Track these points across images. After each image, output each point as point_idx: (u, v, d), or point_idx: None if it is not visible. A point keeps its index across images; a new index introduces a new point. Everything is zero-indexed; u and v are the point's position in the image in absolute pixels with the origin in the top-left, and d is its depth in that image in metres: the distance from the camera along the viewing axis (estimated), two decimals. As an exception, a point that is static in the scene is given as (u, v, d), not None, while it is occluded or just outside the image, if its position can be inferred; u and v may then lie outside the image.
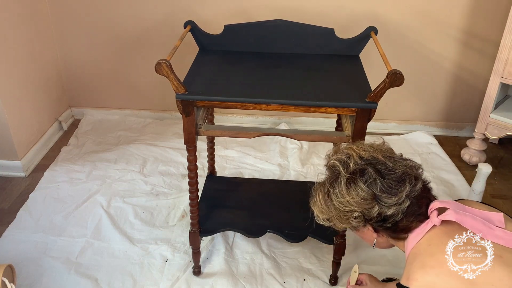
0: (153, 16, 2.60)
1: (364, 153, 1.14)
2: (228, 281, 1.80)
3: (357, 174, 1.12)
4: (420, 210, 1.13)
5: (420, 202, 1.12)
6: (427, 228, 1.12)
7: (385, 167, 1.12)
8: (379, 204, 1.11)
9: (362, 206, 1.12)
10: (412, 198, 1.11)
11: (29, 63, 2.46)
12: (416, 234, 1.13)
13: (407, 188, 1.09)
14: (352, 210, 1.14)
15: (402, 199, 1.09)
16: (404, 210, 1.10)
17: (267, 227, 1.75)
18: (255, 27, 1.69)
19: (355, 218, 1.15)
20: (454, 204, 1.14)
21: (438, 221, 1.10)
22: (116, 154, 2.54)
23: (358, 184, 1.11)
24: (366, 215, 1.13)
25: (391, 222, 1.13)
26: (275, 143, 2.67)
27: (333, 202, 1.16)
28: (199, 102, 1.41)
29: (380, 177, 1.11)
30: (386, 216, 1.11)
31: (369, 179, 1.11)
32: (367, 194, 1.10)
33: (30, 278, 1.79)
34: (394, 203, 1.09)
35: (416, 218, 1.12)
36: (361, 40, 1.69)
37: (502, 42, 2.21)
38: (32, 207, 2.16)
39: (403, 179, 1.10)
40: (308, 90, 1.47)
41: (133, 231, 2.03)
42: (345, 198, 1.12)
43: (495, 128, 2.37)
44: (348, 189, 1.12)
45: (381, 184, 1.10)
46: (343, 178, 1.13)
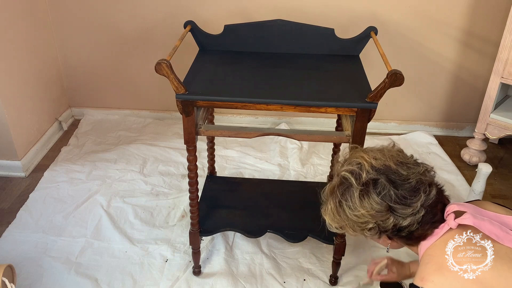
0: (153, 16, 2.60)
1: (375, 162, 1.11)
2: (228, 281, 1.80)
3: (370, 185, 1.09)
4: (435, 217, 1.11)
5: (435, 210, 1.11)
6: (444, 230, 1.10)
7: (399, 176, 1.09)
8: (394, 215, 1.09)
9: (376, 218, 1.10)
10: (427, 206, 1.09)
11: (29, 63, 2.46)
12: (431, 236, 1.12)
13: (422, 198, 1.07)
14: (367, 222, 1.12)
15: (417, 209, 1.07)
16: (419, 220, 1.08)
17: (267, 227, 1.75)
18: (255, 27, 1.68)
19: (370, 230, 1.13)
20: (471, 208, 1.12)
21: (455, 225, 1.08)
22: (116, 154, 2.54)
23: (372, 196, 1.08)
24: (381, 227, 1.12)
25: (406, 232, 1.11)
26: (275, 143, 2.67)
27: (346, 213, 1.13)
28: (199, 102, 1.41)
29: (394, 188, 1.08)
30: (401, 227, 1.10)
31: (382, 191, 1.08)
32: (381, 206, 1.08)
33: (30, 278, 1.79)
34: (410, 213, 1.07)
35: (432, 226, 1.11)
36: (361, 40, 1.69)
37: (502, 42, 2.21)
38: (32, 207, 2.16)
39: (417, 188, 1.08)
40: (308, 90, 1.47)
41: (133, 231, 2.03)
42: (360, 211, 1.10)
43: (495, 128, 2.37)
44: (362, 201, 1.10)
45: (395, 195, 1.07)
46: (355, 190, 1.10)
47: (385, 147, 1.19)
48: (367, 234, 1.14)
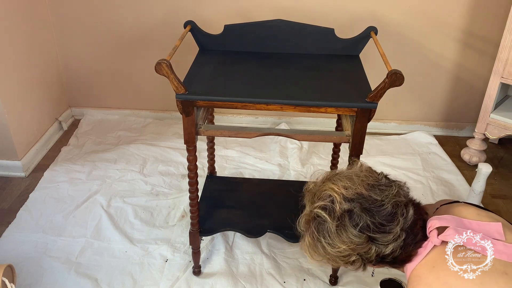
0: (153, 16, 2.60)
1: (346, 191, 1.06)
2: (228, 281, 1.80)
3: (345, 218, 1.05)
4: (417, 237, 1.09)
5: (415, 230, 1.08)
6: (428, 249, 1.08)
7: (373, 203, 1.05)
8: (375, 244, 1.06)
9: (358, 250, 1.07)
10: (407, 229, 1.06)
11: (29, 63, 2.46)
12: (416, 256, 1.10)
13: (400, 222, 1.05)
14: (349, 255, 1.09)
15: (397, 234, 1.05)
16: (401, 244, 1.06)
17: (267, 227, 1.75)
18: (255, 27, 1.68)
19: (353, 262, 1.10)
20: (452, 221, 1.10)
21: (438, 242, 1.07)
22: (116, 154, 2.54)
23: (349, 229, 1.05)
24: (364, 258, 1.09)
25: (390, 258, 1.09)
26: (275, 143, 2.67)
27: (326, 250, 1.10)
28: (199, 102, 1.41)
29: (370, 217, 1.04)
30: (385, 255, 1.08)
31: (359, 222, 1.04)
32: (361, 238, 1.05)
33: (30, 278, 1.79)
34: (391, 240, 1.05)
35: (415, 246, 1.08)
36: (361, 40, 1.69)
37: (502, 42, 2.21)
38: (32, 207, 2.16)
39: (394, 212, 1.05)
40: (308, 90, 1.47)
41: (133, 231, 2.03)
42: (340, 247, 1.07)
43: (495, 128, 2.37)
44: (340, 236, 1.06)
45: (373, 225, 1.04)
46: (331, 225, 1.07)
47: (353, 171, 1.14)
48: (350, 267, 1.11)
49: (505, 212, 2.20)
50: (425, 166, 2.49)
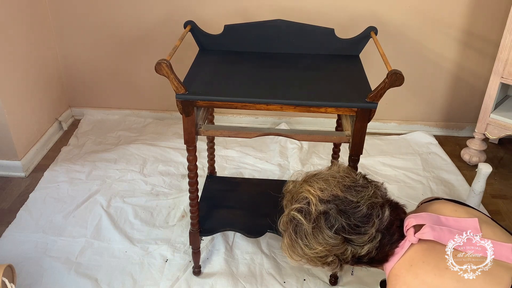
0: (153, 16, 2.60)
1: (322, 193, 1.08)
2: (228, 281, 1.80)
3: (321, 220, 1.07)
4: (393, 237, 1.10)
5: (391, 230, 1.09)
6: (405, 247, 1.09)
7: (348, 205, 1.07)
8: (351, 245, 1.07)
9: (334, 251, 1.09)
10: (382, 229, 1.07)
11: (29, 63, 2.46)
12: (394, 255, 1.11)
13: (375, 223, 1.06)
14: (326, 256, 1.10)
15: (373, 235, 1.06)
16: (377, 245, 1.07)
17: (267, 227, 1.75)
18: (255, 27, 1.69)
19: (330, 263, 1.12)
20: (428, 218, 1.10)
21: (415, 240, 1.08)
22: (116, 154, 2.54)
23: (324, 231, 1.07)
24: (340, 258, 1.11)
25: (367, 259, 1.10)
26: (275, 143, 2.67)
27: (304, 251, 1.12)
28: (199, 102, 1.41)
29: (346, 218, 1.06)
30: (360, 256, 1.09)
31: (335, 223, 1.06)
32: (336, 240, 1.07)
33: (30, 278, 1.79)
34: (367, 241, 1.06)
35: (391, 247, 1.10)
36: (361, 40, 1.69)
37: (502, 42, 2.21)
38: (32, 207, 2.16)
39: (369, 214, 1.06)
40: (308, 90, 1.47)
41: (133, 231, 2.03)
42: (317, 248, 1.09)
43: (495, 128, 2.37)
44: (316, 238, 1.08)
45: (348, 226, 1.05)
46: (307, 227, 1.09)
47: (330, 172, 1.15)
48: (327, 268, 1.12)
49: (505, 212, 2.20)
50: (425, 166, 2.49)
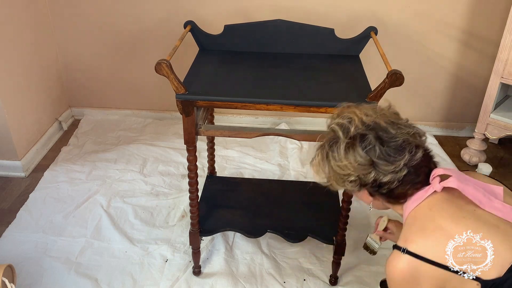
0: (153, 16, 2.60)
1: (366, 118, 1.12)
2: (228, 281, 1.80)
3: (357, 139, 1.11)
4: (418, 178, 1.11)
5: (419, 171, 1.11)
6: (428, 193, 1.11)
7: (387, 134, 1.10)
8: (375, 170, 1.10)
9: (358, 171, 1.11)
10: (410, 167, 1.09)
11: (29, 63, 2.46)
12: (416, 199, 1.13)
13: (406, 157, 1.08)
14: (349, 174, 1.13)
15: (399, 167, 1.08)
16: (400, 179, 1.10)
17: (267, 227, 1.75)
18: (255, 27, 1.69)
19: (351, 182, 1.14)
20: (457, 173, 1.13)
21: (439, 187, 1.09)
22: (116, 154, 2.54)
23: (357, 149, 1.10)
24: (361, 180, 1.13)
25: (386, 189, 1.12)
26: (275, 143, 2.67)
27: (331, 164, 1.15)
28: (199, 102, 1.41)
29: (380, 144, 1.09)
30: (381, 183, 1.11)
31: (368, 145, 1.09)
32: (365, 160, 1.10)
33: (30, 278, 1.79)
34: (391, 171, 1.09)
35: (413, 186, 1.12)
36: (361, 40, 1.69)
37: (502, 42, 2.21)
38: (32, 207, 2.16)
39: (403, 147, 1.09)
40: (308, 90, 1.47)
41: (133, 231, 2.03)
42: (343, 162, 1.12)
43: (495, 128, 2.37)
44: (347, 153, 1.11)
45: (380, 151, 1.09)
46: (342, 142, 1.12)
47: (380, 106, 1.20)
48: (348, 185, 1.15)
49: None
50: (425, 166, 2.49)
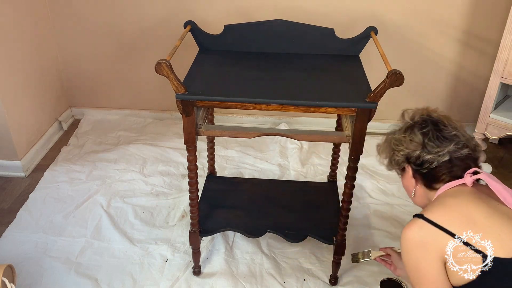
0: (153, 16, 2.60)
1: (433, 113, 1.28)
2: (228, 281, 1.80)
3: (417, 123, 1.27)
4: (454, 168, 1.21)
5: (458, 163, 1.21)
6: (459, 183, 1.20)
7: (443, 126, 1.25)
8: (423, 149, 1.23)
9: (410, 147, 1.25)
10: (452, 157, 1.21)
11: (29, 63, 2.46)
12: (447, 186, 1.22)
13: (451, 147, 1.20)
14: (400, 149, 1.27)
15: (443, 152, 1.21)
16: (440, 162, 1.21)
17: (267, 227, 1.75)
18: (255, 27, 1.69)
19: (400, 154, 1.28)
20: (491, 175, 1.20)
21: (470, 181, 1.18)
22: (116, 154, 2.54)
23: (414, 130, 1.26)
24: (409, 155, 1.26)
25: (426, 168, 1.23)
26: (275, 143, 2.67)
27: (389, 137, 1.33)
28: (199, 102, 1.41)
29: (436, 130, 1.23)
30: (423, 161, 1.23)
31: (424, 128, 1.24)
32: (418, 139, 1.24)
33: (30, 278, 1.79)
34: (435, 152, 1.21)
35: (449, 174, 1.22)
36: (361, 40, 1.69)
37: (502, 42, 2.21)
38: (32, 207, 2.16)
39: (452, 139, 1.22)
40: (308, 90, 1.47)
41: (133, 231, 2.03)
42: (399, 136, 1.28)
43: (495, 128, 2.37)
44: (405, 131, 1.28)
45: (432, 135, 1.23)
46: (406, 122, 1.30)
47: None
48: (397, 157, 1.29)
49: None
50: (425, 166, 2.49)
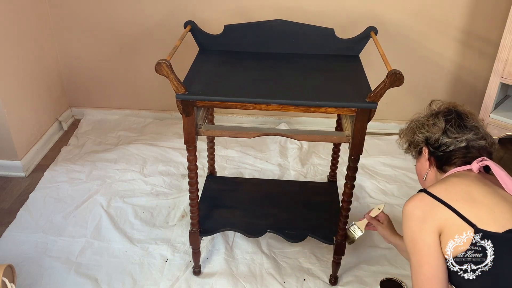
0: (153, 16, 2.60)
1: (460, 107, 1.36)
2: (228, 281, 1.80)
3: (443, 111, 1.34)
4: (468, 155, 1.28)
5: (473, 151, 1.28)
6: (466, 168, 1.26)
7: (466, 116, 1.32)
8: (443, 134, 1.30)
9: (431, 130, 1.32)
10: (469, 145, 1.27)
11: (29, 63, 2.46)
12: (455, 170, 1.28)
13: (469, 135, 1.27)
14: (422, 132, 1.34)
15: (461, 139, 1.27)
16: (456, 147, 1.28)
17: (267, 227, 1.75)
18: (255, 27, 1.69)
19: (421, 134, 1.35)
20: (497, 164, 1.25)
21: (476, 167, 1.23)
22: (116, 154, 2.54)
23: (439, 116, 1.33)
24: (428, 138, 1.33)
25: (442, 151, 1.30)
26: (275, 143, 2.67)
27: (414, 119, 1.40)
28: (199, 102, 1.41)
29: (458, 119, 1.31)
30: (442, 144, 1.29)
31: (447, 116, 1.32)
32: (440, 124, 1.31)
33: (30, 278, 1.79)
34: (453, 137, 1.28)
35: (461, 159, 1.28)
36: (361, 40, 1.69)
37: (502, 42, 2.21)
38: (32, 207, 2.16)
39: (471, 129, 1.29)
40: (308, 90, 1.47)
41: (133, 231, 2.03)
42: (423, 119, 1.36)
43: (495, 128, 2.37)
44: (430, 116, 1.36)
45: (454, 122, 1.30)
46: (432, 110, 1.38)
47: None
48: (417, 137, 1.36)
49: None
50: (425, 166, 2.49)
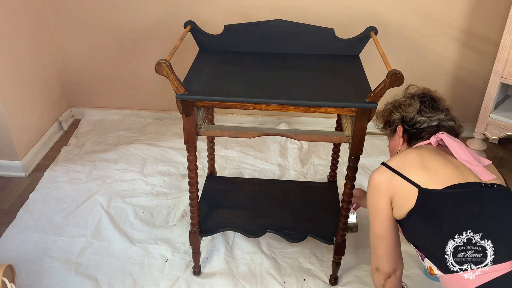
0: (153, 16, 2.60)
1: (433, 92, 1.47)
2: (228, 281, 1.80)
3: (418, 94, 1.45)
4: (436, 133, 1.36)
5: (441, 129, 1.39)
6: (426, 142, 1.37)
7: (438, 100, 1.43)
8: (418, 113, 1.41)
9: (407, 109, 1.42)
10: (440, 124, 1.39)
11: (29, 63, 2.46)
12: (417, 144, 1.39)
13: (441, 116, 1.39)
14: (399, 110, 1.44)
15: (433, 118, 1.39)
16: (429, 125, 1.39)
17: (267, 227, 1.75)
18: (255, 27, 1.69)
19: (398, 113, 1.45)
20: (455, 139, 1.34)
21: (434, 140, 1.34)
22: (116, 154, 2.54)
23: (415, 98, 1.44)
24: (404, 117, 1.43)
25: (416, 128, 1.40)
26: (275, 143, 2.67)
27: (392, 100, 1.50)
28: (199, 102, 1.41)
29: (432, 101, 1.42)
30: (416, 122, 1.40)
31: (423, 98, 1.43)
32: (416, 105, 1.41)
33: (30, 278, 1.79)
34: (427, 116, 1.39)
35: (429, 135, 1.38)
36: (361, 40, 1.69)
37: (502, 42, 2.21)
38: (32, 207, 2.16)
39: (443, 110, 1.41)
40: (308, 90, 1.47)
41: (133, 231, 2.03)
42: (401, 99, 1.46)
43: (495, 128, 2.37)
44: (407, 97, 1.46)
45: (428, 103, 1.41)
46: (408, 93, 1.48)
47: None
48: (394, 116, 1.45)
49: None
50: (425, 166, 2.49)
